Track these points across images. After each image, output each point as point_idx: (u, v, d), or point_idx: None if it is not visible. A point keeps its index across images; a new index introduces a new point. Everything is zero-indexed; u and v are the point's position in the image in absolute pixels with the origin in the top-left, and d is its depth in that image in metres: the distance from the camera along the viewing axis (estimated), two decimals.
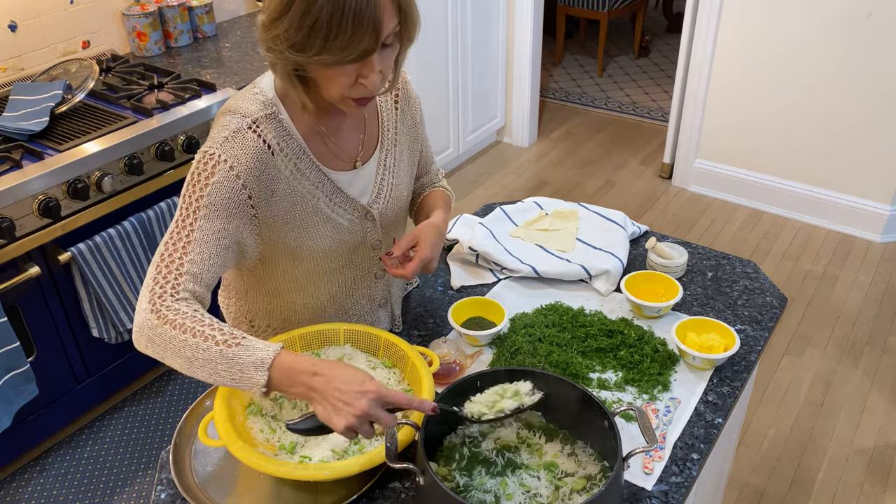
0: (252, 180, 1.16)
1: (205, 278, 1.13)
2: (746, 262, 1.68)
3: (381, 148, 1.33)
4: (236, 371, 1.04)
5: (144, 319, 1.09)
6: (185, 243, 1.13)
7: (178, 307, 1.09)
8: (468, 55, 3.72)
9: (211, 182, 1.13)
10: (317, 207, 1.25)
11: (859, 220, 3.44)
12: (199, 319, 1.07)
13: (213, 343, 1.05)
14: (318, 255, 1.28)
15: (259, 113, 1.18)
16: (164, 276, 1.11)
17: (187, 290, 1.11)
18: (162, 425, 2.50)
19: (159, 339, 1.07)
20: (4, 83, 2.44)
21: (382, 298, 1.45)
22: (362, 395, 1.01)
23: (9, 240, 1.98)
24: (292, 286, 1.34)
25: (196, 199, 1.14)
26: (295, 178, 1.21)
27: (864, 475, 2.33)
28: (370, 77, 1.09)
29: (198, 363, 1.05)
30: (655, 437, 1.11)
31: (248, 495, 1.16)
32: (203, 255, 1.13)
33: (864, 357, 2.78)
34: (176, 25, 2.81)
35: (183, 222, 1.14)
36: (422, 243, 1.32)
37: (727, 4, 3.36)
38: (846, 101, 3.27)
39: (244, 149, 1.15)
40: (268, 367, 1.03)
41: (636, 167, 4.09)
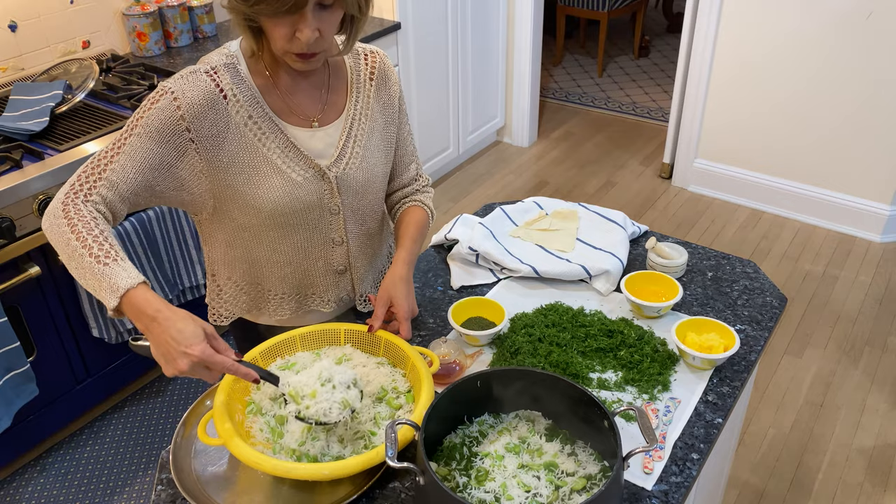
0: (194, 115, 1.23)
1: (121, 189, 1.22)
2: (746, 262, 1.68)
3: (347, 114, 1.37)
4: (97, 286, 1.13)
5: (53, 207, 1.19)
6: (113, 154, 1.22)
7: (81, 209, 1.18)
8: (468, 55, 3.73)
9: (154, 107, 1.23)
10: (267, 157, 1.30)
11: (859, 220, 3.44)
12: (91, 228, 1.16)
13: (87, 253, 1.14)
14: (269, 206, 1.32)
15: (219, 62, 1.27)
16: (87, 176, 1.21)
17: (100, 194, 1.21)
18: (162, 425, 2.50)
19: (55, 229, 1.17)
20: (4, 83, 2.45)
21: (341, 266, 1.47)
22: (185, 356, 1.08)
23: (9, 240, 1.98)
24: (247, 237, 1.38)
25: (137, 119, 1.23)
26: (246, 126, 1.28)
27: (864, 475, 2.33)
28: (304, 31, 1.17)
29: (73, 264, 1.15)
30: (655, 437, 1.11)
31: (248, 495, 1.16)
32: (125, 167, 1.22)
33: (864, 357, 2.78)
34: (176, 25, 2.81)
35: (119, 136, 1.24)
36: (396, 301, 1.38)
37: (727, 4, 3.36)
38: (846, 101, 3.27)
39: (193, 86, 1.24)
40: (119, 296, 1.11)
41: (636, 167, 4.09)
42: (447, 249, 1.74)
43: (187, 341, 1.08)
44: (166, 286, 2.38)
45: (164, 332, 1.09)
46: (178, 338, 1.08)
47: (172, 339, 1.08)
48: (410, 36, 3.29)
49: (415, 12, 3.27)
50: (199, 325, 1.10)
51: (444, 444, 1.18)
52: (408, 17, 3.24)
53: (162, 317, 1.09)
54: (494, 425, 1.21)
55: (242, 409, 1.23)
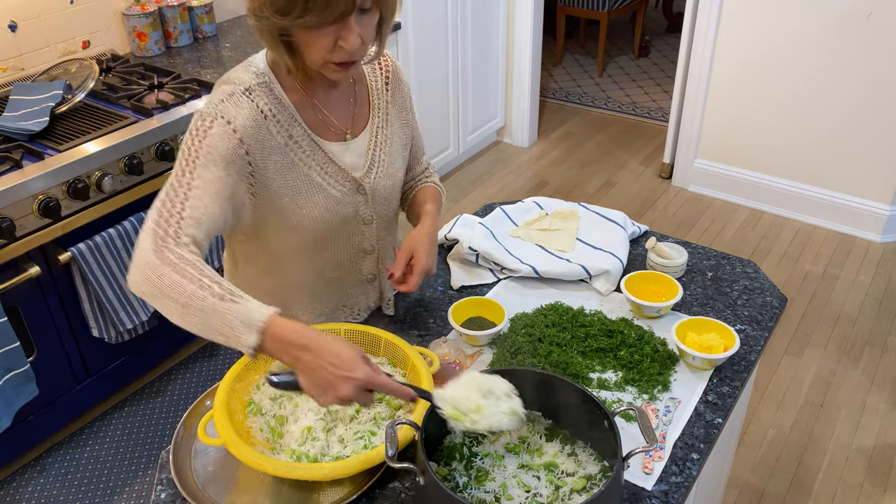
0: (249, 137, 1.19)
1: (205, 225, 1.14)
2: (746, 262, 1.68)
3: (371, 123, 1.37)
4: (227, 327, 1.03)
5: (145, 259, 1.08)
6: (185, 190, 1.14)
7: (181, 252, 1.09)
8: (468, 55, 3.73)
9: (209, 134, 1.17)
10: (309, 176, 1.28)
11: (859, 220, 3.44)
12: (201, 269, 1.07)
13: (209, 294, 1.04)
14: (310, 226, 1.31)
15: (252, 81, 1.23)
16: (167, 220, 1.12)
17: (189, 235, 1.12)
18: (162, 425, 2.50)
19: (158, 280, 1.06)
20: (4, 83, 2.45)
21: (371, 274, 1.47)
22: (348, 381, 1.01)
23: (9, 240, 1.98)
24: (283, 259, 1.36)
25: (194, 150, 1.16)
26: (288, 146, 1.25)
27: (864, 475, 2.33)
28: (349, 39, 1.13)
29: (192, 311, 1.05)
30: (655, 437, 1.11)
31: (248, 495, 1.16)
32: (204, 202, 1.14)
33: (864, 357, 2.78)
34: (176, 25, 2.81)
35: (182, 172, 1.16)
36: (417, 254, 1.37)
37: (727, 4, 3.36)
38: (846, 101, 3.27)
39: (240, 108, 1.19)
40: (259, 330, 1.03)
41: (636, 167, 4.09)
42: (447, 249, 1.74)
43: (348, 365, 1.01)
44: None
45: (319, 360, 1.01)
46: (338, 363, 1.01)
47: (331, 364, 1.01)
48: (410, 36, 3.29)
49: (415, 12, 3.27)
50: (355, 348, 1.04)
51: (444, 444, 1.18)
52: (408, 17, 3.24)
53: (315, 344, 1.02)
54: None
55: (242, 409, 1.23)
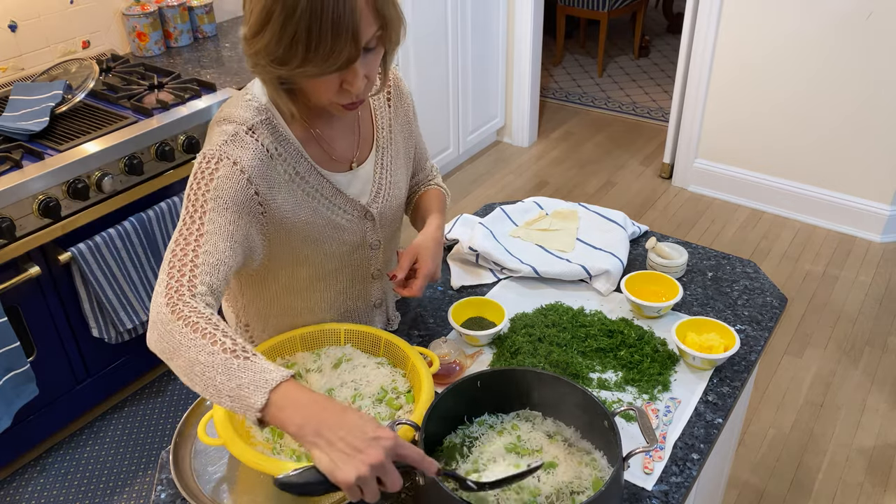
0: (257, 177, 1.14)
1: (221, 271, 1.09)
2: (746, 262, 1.68)
3: (377, 147, 1.33)
4: (234, 386, 0.95)
5: (159, 314, 1.03)
6: (196, 236, 1.08)
7: (195, 304, 1.03)
8: (468, 55, 3.72)
9: (216, 177, 1.11)
10: (318, 210, 1.24)
11: (859, 220, 3.44)
12: (215, 323, 1.01)
13: (220, 349, 0.97)
14: (321, 258, 1.28)
15: (254, 119, 1.16)
16: (179, 269, 1.06)
17: (204, 283, 1.06)
18: (162, 425, 2.50)
19: (169, 335, 1.00)
20: (4, 83, 2.45)
21: (378, 299, 1.45)
22: (377, 442, 0.90)
23: (9, 240, 1.98)
24: (292, 291, 1.34)
25: (202, 194, 1.11)
26: (295, 182, 1.21)
27: (864, 475, 2.33)
28: (355, 83, 1.08)
29: (198, 367, 0.97)
30: (655, 437, 1.10)
31: (248, 495, 1.16)
32: (217, 247, 1.09)
33: (864, 357, 2.78)
34: (176, 25, 2.81)
35: (191, 218, 1.10)
36: (422, 258, 1.33)
37: (727, 4, 3.36)
38: (846, 101, 3.27)
39: (245, 149, 1.14)
40: (269, 391, 0.93)
41: (636, 167, 4.09)
42: (447, 249, 1.74)
43: (372, 426, 0.91)
44: None
45: (339, 427, 0.90)
46: (361, 425, 0.90)
47: (356, 427, 0.90)
48: (410, 37, 3.29)
49: (415, 12, 3.27)
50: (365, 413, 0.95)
51: (444, 444, 1.18)
52: (408, 17, 3.23)
53: (332, 405, 0.93)
54: (494, 425, 1.21)
55: None
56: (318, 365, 1.30)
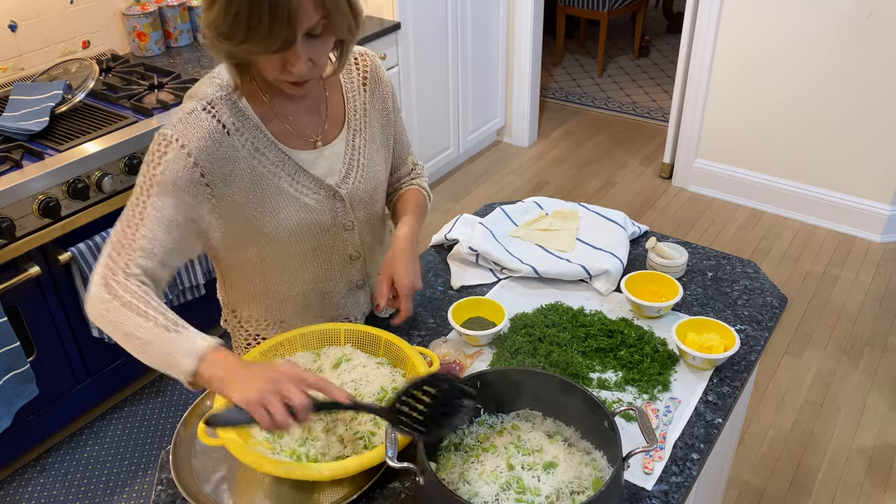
0: (205, 158, 1.18)
1: (157, 254, 1.17)
2: (746, 262, 1.68)
3: (348, 128, 1.34)
4: (166, 356, 1.08)
5: (95, 293, 1.14)
6: (138, 220, 1.17)
7: (128, 284, 1.13)
8: (468, 55, 3.73)
9: (163, 161, 1.17)
10: (279, 186, 1.26)
11: (859, 220, 3.44)
12: (146, 301, 1.12)
13: (152, 325, 1.09)
14: (286, 235, 1.29)
15: (214, 94, 1.21)
16: (118, 251, 1.16)
17: (139, 265, 1.16)
18: (162, 425, 2.50)
19: (107, 313, 1.12)
20: (4, 83, 2.45)
21: (360, 280, 1.46)
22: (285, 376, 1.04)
23: (9, 240, 1.98)
24: (267, 272, 1.35)
25: (150, 177, 1.18)
26: (253, 157, 1.23)
27: (864, 475, 2.33)
28: (296, 65, 1.12)
29: (136, 342, 1.10)
30: (655, 437, 1.10)
31: (248, 495, 1.16)
32: (155, 232, 1.17)
33: (864, 357, 2.78)
34: (176, 25, 2.81)
35: (136, 200, 1.18)
36: (397, 276, 1.35)
37: (727, 4, 3.36)
38: (846, 101, 3.27)
39: (197, 129, 1.18)
40: (198, 357, 1.07)
41: (636, 167, 4.09)
42: (447, 249, 1.74)
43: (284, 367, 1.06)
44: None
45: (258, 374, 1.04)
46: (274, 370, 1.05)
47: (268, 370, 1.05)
48: (410, 36, 3.29)
49: (415, 12, 3.27)
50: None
51: (443, 444, 1.18)
52: (408, 17, 3.24)
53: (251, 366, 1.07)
54: (494, 425, 1.21)
55: None
56: (318, 365, 1.30)
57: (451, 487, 1.10)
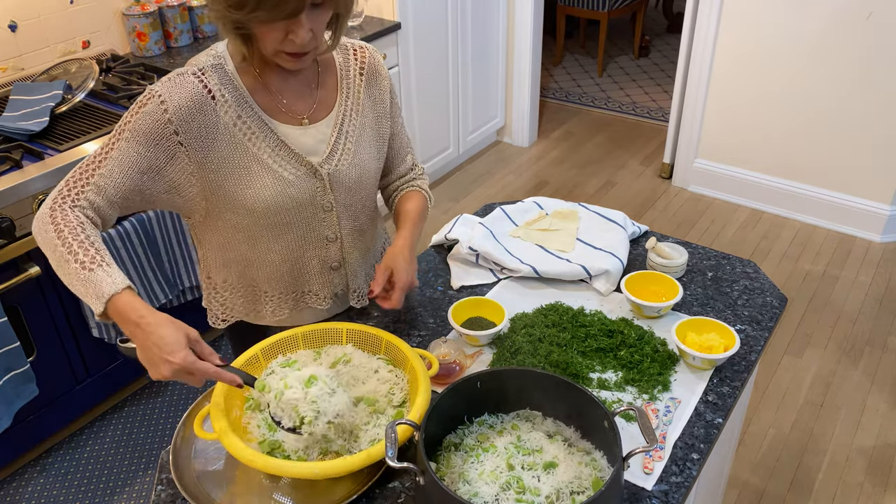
0: (182, 118, 1.23)
1: (109, 193, 1.23)
2: (746, 262, 1.68)
3: (337, 110, 1.37)
4: (83, 292, 1.16)
5: (41, 213, 1.22)
6: (101, 158, 1.23)
7: (68, 214, 1.20)
8: (468, 55, 3.73)
9: (141, 111, 1.23)
10: (258, 157, 1.29)
11: (859, 220, 3.44)
12: (77, 233, 1.18)
13: (73, 259, 1.16)
14: (262, 206, 1.32)
15: (206, 62, 1.28)
16: (74, 181, 1.23)
17: (88, 199, 1.22)
18: (162, 425, 2.50)
19: (43, 234, 1.20)
20: (4, 83, 2.45)
21: (335, 262, 1.47)
22: (167, 364, 1.09)
23: (9, 240, 1.98)
24: (240, 238, 1.38)
25: (124, 123, 1.24)
26: (236, 126, 1.28)
27: (864, 475, 2.33)
28: (299, 33, 1.17)
29: (60, 270, 1.18)
30: (655, 437, 1.10)
31: (248, 496, 1.16)
32: (113, 172, 1.23)
33: (864, 357, 2.78)
34: (176, 25, 2.81)
35: (108, 141, 1.25)
36: (396, 271, 1.39)
37: (727, 4, 3.36)
38: (846, 101, 3.27)
39: (181, 89, 1.24)
40: (104, 301, 1.13)
41: (636, 167, 4.09)
42: (447, 249, 1.74)
43: (169, 348, 1.09)
44: (166, 286, 2.38)
45: (147, 339, 1.10)
46: (160, 344, 1.09)
47: (155, 345, 1.09)
48: (410, 36, 3.29)
49: (415, 12, 3.27)
50: (182, 331, 1.11)
51: (443, 444, 1.18)
52: (408, 17, 3.24)
53: (144, 322, 1.11)
54: (494, 425, 1.21)
55: (241, 405, 1.23)
56: (319, 363, 1.30)
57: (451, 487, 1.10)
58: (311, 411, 1.13)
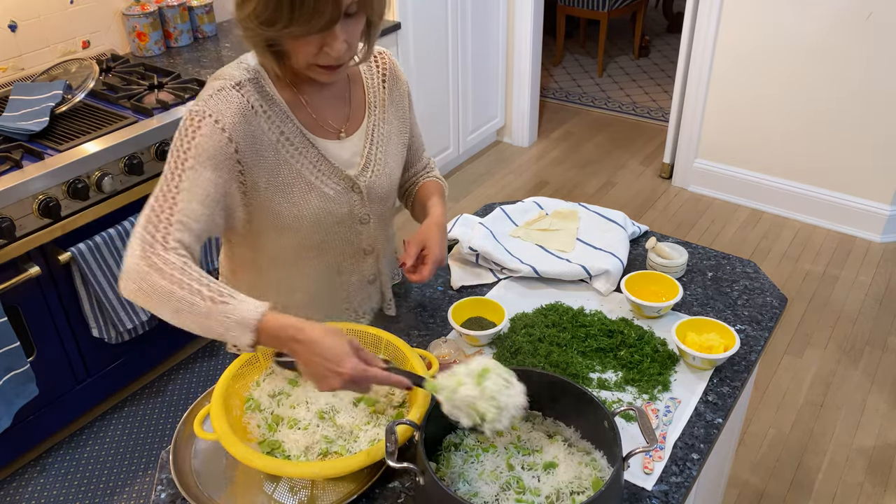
0: (238, 134, 1.18)
1: (194, 229, 1.15)
2: (746, 262, 1.68)
3: (367, 121, 1.36)
4: (222, 329, 1.08)
5: (134, 266, 1.11)
6: (174, 194, 1.15)
7: (168, 257, 1.11)
8: (468, 55, 3.72)
9: (197, 135, 1.16)
10: (301, 174, 1.26)
11: (859, 220, 3.44)
12: (189, 273, 1.10)
13: (199, 299, 1.08)
14: (304, 224, 1.29)
15: (242, 76, 1.22)
16: (155, 224, 1.14)
17: (177, 239, 1.13)
18: (162, 425, 2.50)
19: (148, 287, 1.09)
20: (4, 83, 2.45)
21: (372, 275, 1.46)
22: (337, 376, 1.05)
23: (9, 240, 1.98)
24: (282, 261, 1.36)
25: (183, 151, 1.16)
26: (279, 142, 1.24)
27: (864, 475, 2.33)
28: (334, 46, 1.14)
29: (185, 315, 1.09)
30: (655, 437, 1.10)
31: (248, 496, 1.16)
32: (192, 205, 1.15)
33: (864, 357, 2.78)
34: (176, 25, 2.81)
35: (171, 175, 1.16)
36: (430, 245, 1.37)
37: (727, 4, 3.36)
38: (846, 100, 3.27)
39: (228, 104, 1.18)
40: (253, 329, 1.07)
41: (636, 167, 4.09)
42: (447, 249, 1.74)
43: (337, 359, 1.05)
44: None
45: (310, 353, 1.06)
46: (327, 356, 1.05)
47: (321, 357, 1.05)
48: (410, 36, 3.29)
49: (415, 12, 3.27)
50: (344, 339, 1.07)
51: (443, 444, 1.18)
52: (408, 17, 3.24)
53: (304, 337, 1.06)
54: None
55: (241, 405, 1.23)
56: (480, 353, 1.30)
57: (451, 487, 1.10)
58: (491, 408, 1.05)
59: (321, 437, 1.16)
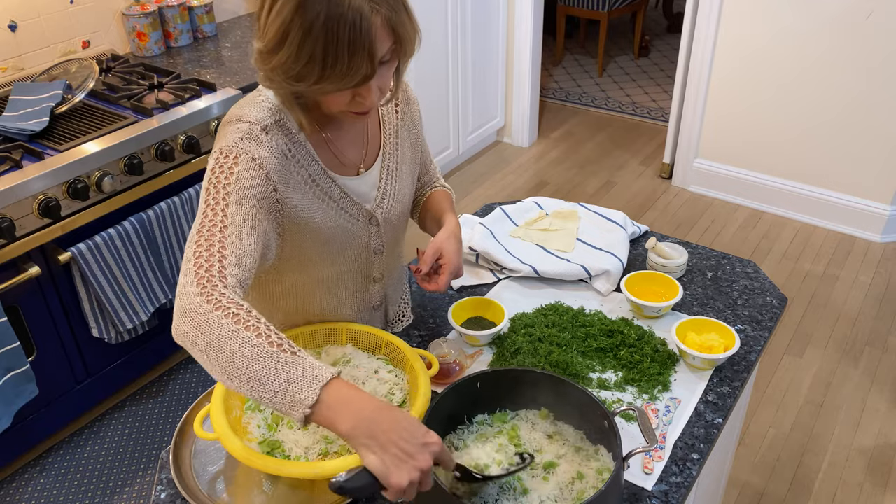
0: (276, 175, 1.13)
1: (248, 264, 1.05)
2: (746, 262, 1.68)
3: (383, 153, 1.33)
4: (283, 381, 0.92)
5: (192, 303, 0.97)
6: (221, 228, 1.04)
7: (231, 295, 0.99)
8: (468, 56, 3.72)
9: (236, 171, 1.09)
10: (328, 214, 1.24)
11: (859, 220, 3.44)
12: (256, 316, 0.98)
13: (266, 342, 0.94)
14: (327, 262, 1.28)
15: (268, 120, 1.15)
16: (207, 259, 1.01)
17: (234, 275, 1.02)
18: (162, 425, 2.50)
19: (207, 325, 0.95)
20: (4, 83, 2.45)
21: (377, 301, 1.45)
22: (427, 448, 0.91)
23: (9, 240, 1.98)
24: (296, 296, 1.34)
25: (223, 187, 1.08)
26: (307, 184, 1.20)
27: (864, 475, 2.33)
28: (368, 97, 1.09)
29: (241, 360, 0.94)
30: (655, 437, 1.11)
31: (248, 496, 1.16)
32: (243, 239, 1.05)
33: (864, 357, 2.78)
34: (176, 25, 2.81)
35: (213, 211, 1.06)
36: (447, 254, 1.32)
37: (727, 4, 3.36)
38: (847, 101, 3.27)
39: (261, 146, 1.13)
40: (320, 388, 0.92)
41: (636, 167, 4.09)
42: None
43: (423, 433, 0.92)
44: (166, 286, 2.38)
45: (391, 431, 0.90)
46: (412, 429, 0.91)
47: (406, 431, 0.91)
48: None
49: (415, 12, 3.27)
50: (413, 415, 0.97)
51: None
52: None
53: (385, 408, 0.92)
54: (494, 425, 1.21)
55: (241, 405, 1.23)
56: None
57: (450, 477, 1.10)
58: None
59: (321, 437, 1.16)
